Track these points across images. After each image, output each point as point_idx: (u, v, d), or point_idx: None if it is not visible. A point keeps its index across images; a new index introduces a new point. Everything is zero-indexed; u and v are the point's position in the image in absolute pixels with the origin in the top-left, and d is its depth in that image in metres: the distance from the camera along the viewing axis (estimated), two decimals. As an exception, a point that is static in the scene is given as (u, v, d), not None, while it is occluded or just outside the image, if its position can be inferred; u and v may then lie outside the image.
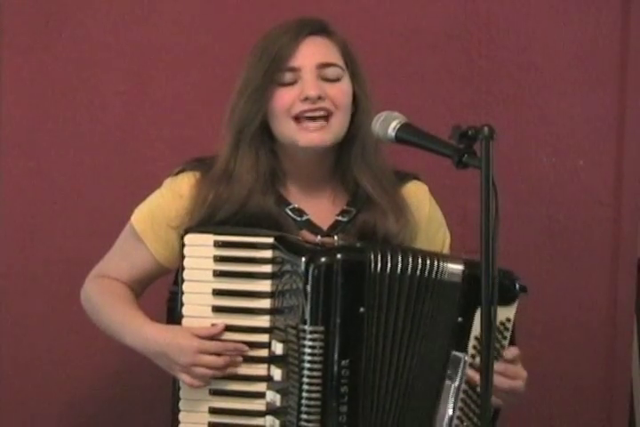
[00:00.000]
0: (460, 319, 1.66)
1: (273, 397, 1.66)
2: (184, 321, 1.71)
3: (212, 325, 1.69)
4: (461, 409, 1.67)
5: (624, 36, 2.55)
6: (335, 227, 1.79)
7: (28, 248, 2.45)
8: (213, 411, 1.70)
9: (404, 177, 1.88)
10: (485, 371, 1.40)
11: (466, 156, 1.46)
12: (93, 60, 2.43)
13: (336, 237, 1.77)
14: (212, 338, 1.68)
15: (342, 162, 1.81)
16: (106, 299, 1.83)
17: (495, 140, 1.43)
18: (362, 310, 1.61)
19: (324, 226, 1.79)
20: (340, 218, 1.80)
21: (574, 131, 2.55)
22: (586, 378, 2.59)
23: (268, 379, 1.67)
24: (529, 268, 2.53)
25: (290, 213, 1.78)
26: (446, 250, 1.92)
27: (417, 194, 1.89)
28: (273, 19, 1.85)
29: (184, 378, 1.67)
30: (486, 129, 1.42)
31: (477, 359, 1.64)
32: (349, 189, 1.82)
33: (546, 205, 2.55)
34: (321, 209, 1.81)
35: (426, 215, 1.88)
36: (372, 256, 1.62)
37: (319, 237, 1.76)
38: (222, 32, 2.45)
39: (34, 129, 2.44)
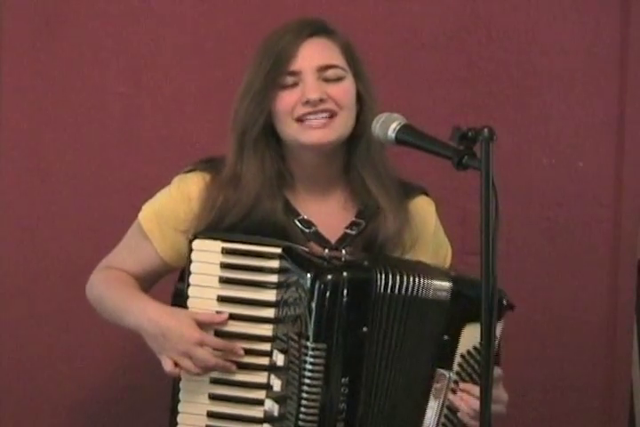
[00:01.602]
0: (446, 337, 1.66)
1: (271, 406, 1.66)
2: None
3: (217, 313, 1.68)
4: (444, 425, 1.68)
5: (624, 36, 2.55)
6: (343, 240, 1.78)
7: (28, 248, 2.45)
8: (211, 415, 1.70)
9: (412, 190, 1.87)
10: (485, 378, 1.40)
11: (466, 157, 1.46)
12: (93, 60, 2.43)
13: (344, 251, 1.74)
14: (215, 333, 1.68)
15: (349, 163, 1.80)
16: (110, 284, 1.82)
17: (495, 142, 1.42)
18: (365, 329, 1.60)
19: (333, 233, 1.78)
20: (348, 231, 1.78)
21: (574, 132, 2.55)
22: (586, 378, 2.59)
23: (267, 387, 1.67)
24: (529, 269, 2.53)
25: (298, 224, 1.76)
26: (447, 266, 1.91)
27: (424, 209, 1.88)
28: (273, 19, 1.85)
29: (168, 364, 1.66)
30: (486, 130, 1.42)
31: (461, 385, 1.65)
32: (358, 194, 1.80)
33: (546, 207, 2.55)
34: (330, 215, 1.79)
35: (430, 231, 1.87)
36: (378, 275, 1.61)
37: (327, 251, 1.74)
38: (222, 32, 2.45)
39: (34, 129, 2.44)
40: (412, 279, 1.64)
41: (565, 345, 2.58)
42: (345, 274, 1.60)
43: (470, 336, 1.65)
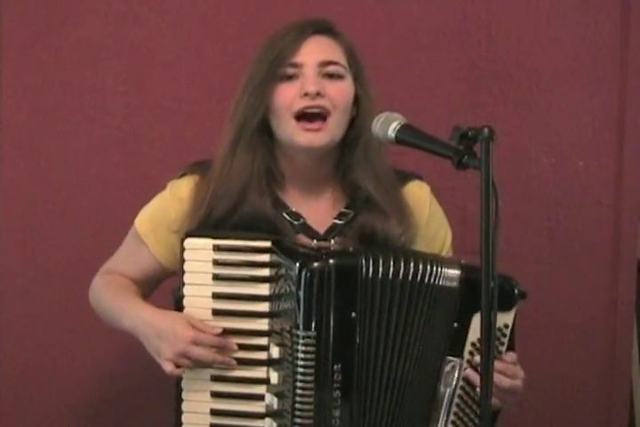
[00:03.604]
0: (456, 324, 1.67)
1: (271, 399, 1.67)
2: None
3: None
4: (456, 414, 1.68)
5: (624, 36, 2.55)
6: (332, 230, 1.80)
7: (28, 248, 2.45)
8: (215, 413, 1.71)
9: (405, 177, 1.88)
10: (485, 374, 1.40)
11: (466, 157, 1.46)
12: (93, 60, 2.43)
13: (332, 241, 1.77)
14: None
15: (343, 165, 1.81)
16: (108, 289, 1.85)
17: (495, 141, 1.43)
18: (354, 314, 1.62)
19: (323, 229, 1.80)
20: (337, 221, 1.80)
21: (574, 131, 2.55)
22: (586, 378, 2.59)
23: (267, 381, 1.68)
24: (529, 268, 2.53)
25: (287, 216, 1.78)
26: (447, 250, 1.92)
27: (418, 194, 1.89)
28: (272, 19, 1.86)
29: (166, 366, 1.67)
30: (486, 130, 1.43)
31: (477, 357, 1.65)
32: (349, 194, 1.82)
33: (546, 206, 2.55)
34: (320, 212, 1.81)
35: (425, 215, 1.88)
36: (364, 261, 1.63)
37: (315, 242, 1.76)
38: (222, 32, 2.45)
39: (34, 129, 2.44)
40: (413, 266, 1.65)
41: (565, 345, 2.58)
42: (331, 261, 1.61)
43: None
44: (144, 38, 2.44)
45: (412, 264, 1.65)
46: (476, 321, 1.65)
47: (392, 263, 1.64)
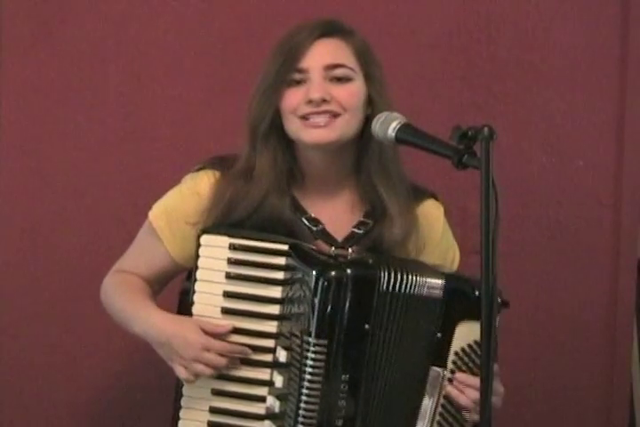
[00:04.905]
0: (439, 335, 1.67)
1: (272, 402, 1.67)
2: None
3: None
4: (439, 423, 1.68)
5: (624, 36, 2.55)
6: (350, 239, 1.78)
7: (29, 248, 2.45)
8: (214, 410, 1.70)
9: (421, 194, 1.88)
10: (486, 378, 1.40)
11: (466, 156, 1.46)
12: (93, 60, 2.43)
13: (350, 250, 1.76)
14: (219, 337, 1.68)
15: (360, 164, 1.80)
16: (120, 290, 1.83)
17: (495, 141, 1.43)
18: (367, 326, 1.61)
19: (340, 233, 1.79)
20: (356, 230, 1.79)
21: (574, 131, 2.55)
22: (586, 378, 2.59)
23: (269, 383, 1.68)
24: (529, 268, 2.53)
25: (306, 222, 1.77)
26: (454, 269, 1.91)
27: (432, 214, 1.88)
28: (273, 20, 1.86)
29: (180, 371, 1.66)
30: (486, 129, 1.42)
31: (457, 374, 1.66)
32: (367, 197, 1.81)
33: (546, 206, 2.55)
34: (337, 215, 1.80)
35: (439, 233, 1.88)
36: (382, 273, 1.62)
37: (333, 249, 1.75)
38: (222, 32, 2.44)
39: (34, 129, 2.44)
40: (410, 277, 1.65)
41: (565, 345, 2.58)
42: (349, 271, 1.61)
43: (464, 334, 1.66)
44: (144, 38, 2.44)
45: (404, 274, 1.65)
46: (459, 331, 1.66)
47: (394, 274, 1.63)
